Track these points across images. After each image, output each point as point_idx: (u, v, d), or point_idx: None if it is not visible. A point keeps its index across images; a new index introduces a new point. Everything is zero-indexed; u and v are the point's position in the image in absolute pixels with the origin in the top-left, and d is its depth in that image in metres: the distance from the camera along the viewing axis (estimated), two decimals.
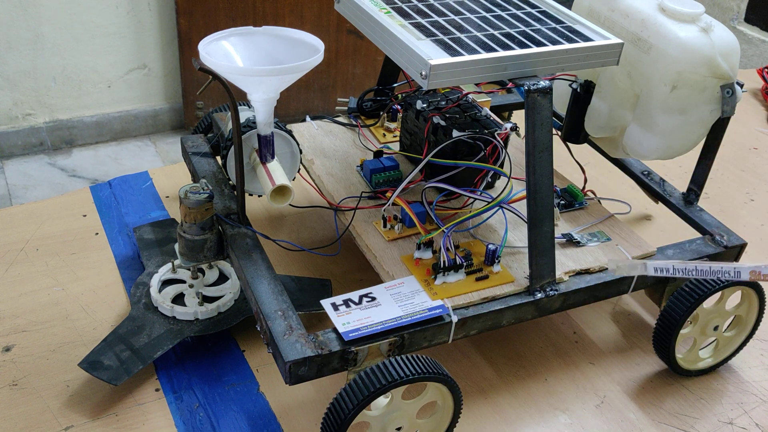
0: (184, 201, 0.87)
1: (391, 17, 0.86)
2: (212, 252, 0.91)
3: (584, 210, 1.02)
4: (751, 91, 1.84)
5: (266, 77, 0.83)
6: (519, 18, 0.89)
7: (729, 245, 0.98)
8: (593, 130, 1.05)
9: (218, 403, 0.91)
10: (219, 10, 1.88)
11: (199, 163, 1.04)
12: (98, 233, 1.17)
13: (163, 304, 0.96)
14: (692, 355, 0.99)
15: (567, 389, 0.97)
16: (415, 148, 1.05)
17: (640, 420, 0.93)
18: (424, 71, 0.77)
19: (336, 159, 1.08)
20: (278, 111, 0.89)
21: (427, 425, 0.83)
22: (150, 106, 2.00)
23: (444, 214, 0.96)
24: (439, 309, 0.81)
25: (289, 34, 0.91)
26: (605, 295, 0.92)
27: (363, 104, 1.16)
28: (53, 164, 1.87)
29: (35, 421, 0.87)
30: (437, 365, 0.78)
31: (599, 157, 1.16)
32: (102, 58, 1.87)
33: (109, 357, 0.89)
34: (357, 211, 0.96)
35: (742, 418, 0.95)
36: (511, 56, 0.80)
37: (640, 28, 0.94)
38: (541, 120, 0.80)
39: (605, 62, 0.85)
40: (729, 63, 0.91)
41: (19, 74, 1.80)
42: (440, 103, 1.05)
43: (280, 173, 0.91)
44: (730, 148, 1.55)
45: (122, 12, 1.83)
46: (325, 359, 0.76)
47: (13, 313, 1.01)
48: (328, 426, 0.76)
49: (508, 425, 0.92)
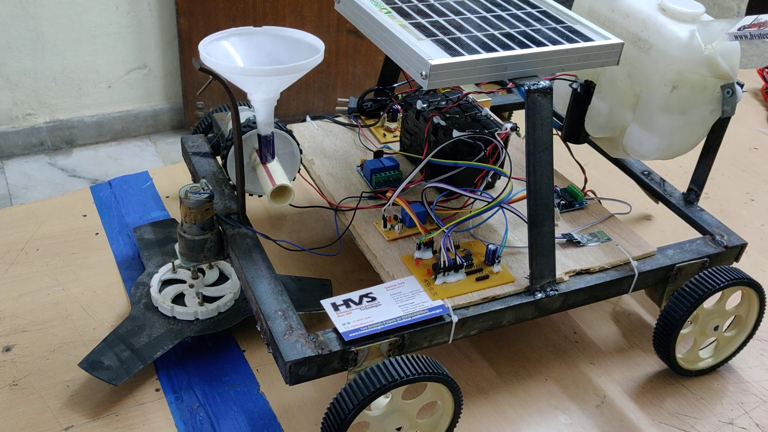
0: (184, 201, 0.87)
1: (391, 17, 0.86)
2: (212, 252, 0.91)
3: (584, 210, 1.02)
4: (751, 91, 1.84)
5: (266, 77, 0.83)
6: (519, 18, 0.89)
7: (729, 245, 0.98)
8: (593, 130, 1.05)
9: (218, 403, 0.91)
10: (219, 10, 1.88)
11: (200, 163, 1.04)
12: (98, 233, 1.17)
13: (163, 304, 0.96)
14: (692, 355, 0.99)
15: (567, 389, 0.97)
16: (416, 148, 1.05)
17: (640, 420, 0.93)
18: (425, 71, 0.77)
19: (336, 159, 1.08)
20: (278, 111, 0.89)
21: (427, 425, 0.83)
22: (150, 106, 2.00)
23: (444, 214, 0.96)
24: (440, 309, 0.81)
25: (289, 34, 0.91)
26: (605, 295, 0.92)
27: (363, 104, 1.16)
28: (53, 164, 1.87)
29: (35, 421, 0.87)
30: (437, 365, 0.78)
31: (599, 157, 1.16)
32: (102, 58, 1.87)
33: (109, 357, 0.89)
34: (357, 211, 0.96)
35: (743, 418, 0.95)
36: (512, 56, 0.80)
37: (640, 28, 0.94)
38: (541, 120, 0.80)
39: (605, 62, 0.85)
40: (729, 63, 0.91)
41: (20, 74, 1.80)
42: (440, 103, 1.05)
43: (281, 173, 0.91)
44: (730, 148, 1.55)
45: (122, 12, 1.83)
46: (325, 359, 0.76)
47: (13, 313, 1.01)
48: (328, 426, 0.76)
49: (508, 425, 0.92)
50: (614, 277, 0.91)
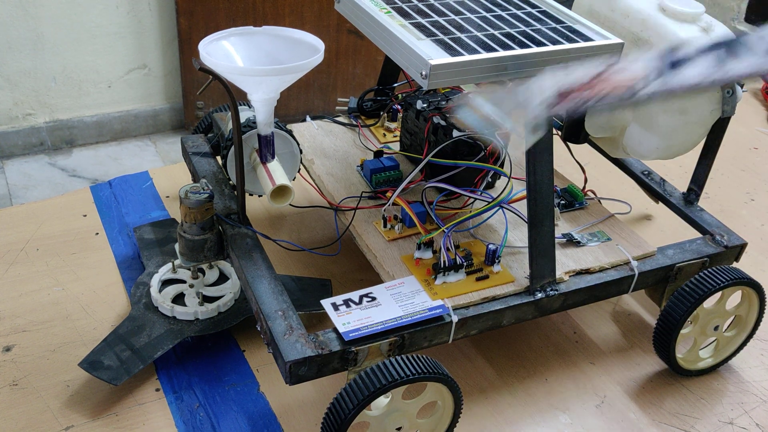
0: (184, 201, 0.87)
1: (391, 17, 0.86)
2: (212, 252, 0.91)
3: (584, 210, 1.02)
4: (751, 91, 1.84)
5: (266, 77, 0.83)
6: (519, 18, 0.89)
7: (729, 245, 0.98)
8: (593, 130, 1.05)
9: (218, 403, 0.91)
10: (219, 10, 1.88)
11: (200, 163, 1.04)
12: (98, 233, 1.17)
13: (163, 304, 0.96)
14: (692, 355, 0.99)
15: (567, 389, 0.97)
16: (416, 148, 1.05)
17: (641, 420, 0.93)
18: (425, 71, 0.77)
19: (336, 159, 1.08)
20: (278, 111, 0.89)
21: (427, 425, 0.83)
22: (150, 106, 2.00)
23: (444, 214, 0.96)
24: (440, 309, 0.81)
25: (289, 34, 0.91)
26: (605, 295, 0.92)
27: (363, 104, 1.16)
28: (53, 164, 1.87)
29: (35, 421, 0.87)
30: (437, 365, 0.78)
31: (599, 157, 1.16)
32: (102, 58, 1.87)
33: (109, 357, 0.89)
34: (357, 211, 0.96)
35: (743, 418, 0.95)
36: (512, 56, 0.80)
37: (640, 28, 0.94)
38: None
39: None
40: None
41: (19, 74, 1.80)
42: (440, 103, 1.05)
43: (281, 173, 0.91)
44: (730, 148, 1.55)
45: (122, 12, 1.83)
46: (326, 359, 0.76)
47: (13, 313, 1.01)
48: (328, 426, 0.76)
49: (508, 425, 0.92)
50: (614, 277, 0.91)
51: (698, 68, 0.43)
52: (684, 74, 0.43)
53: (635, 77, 0.44)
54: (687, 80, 0.43)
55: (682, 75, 0.43)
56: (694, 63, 0.43)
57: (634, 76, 0.44)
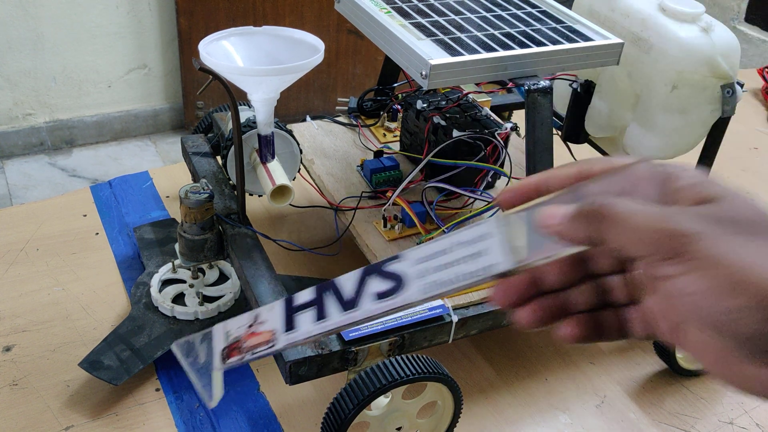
0: (184, 201, 0.87)
1: (391, 17, 0.86)
2: (212, 252, 0.91)
3: None
4: (751, 91, 1.84)
5: (266, 77, 0.83)
6: (519, 18, 0.89)
7: None
8: (593, 130, 1.05)
9: (218, 403, 0.91)
10: (219, 10, 1.88)
11: (200, 163, 1.04)
12: (98, 233, 1.17)
13: (163, 304, 0.96)
14: None
15: (567, 389, 0.97)
16: (416, 148, 1.05)
17: (641, 420, 0.93)
18: (425, 71, 0.77)
19: (336, 159, 1.08)
20: (278, 111, 0.89)
21: (427, 425, 0.83)
22: (150, 106, 2.00)
23: (444, 214, 0.96)
24: (440, 309, 0.81)
25: (289, 34, 0.91)
26: None
27: (363, 104, 1.16)
28: (53, 164, 1.87)
29: (35, 421, 0.87)
30: (437, 365, 0.78)
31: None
32: (102, 58, 1.87)
33: (109, 357, 0.89)
34: (357, 211, 0.96)
35: (743, 418, 0.95)
36: (512, 56, 0.80)
37: (640, 27, 0.94)
38: (542, 120, 0.80)
39: (605, 62, 0.85)
40: (729, 63, 0.91)
41: (20, 74, 1.80)
42: (440, 103, 1.05)
43: (281, 173, 0.91)
44: (730, 148, 1.55)
45: (122, 12, 1.83)
46: (326, 359, 0.76)
47: (13, 313, 1.01)
48: (328, 426, 0.75)
49: (508, 425, 0.92)
50: None
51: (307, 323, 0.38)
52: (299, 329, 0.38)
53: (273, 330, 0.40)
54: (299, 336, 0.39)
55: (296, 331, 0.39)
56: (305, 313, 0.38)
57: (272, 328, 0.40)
